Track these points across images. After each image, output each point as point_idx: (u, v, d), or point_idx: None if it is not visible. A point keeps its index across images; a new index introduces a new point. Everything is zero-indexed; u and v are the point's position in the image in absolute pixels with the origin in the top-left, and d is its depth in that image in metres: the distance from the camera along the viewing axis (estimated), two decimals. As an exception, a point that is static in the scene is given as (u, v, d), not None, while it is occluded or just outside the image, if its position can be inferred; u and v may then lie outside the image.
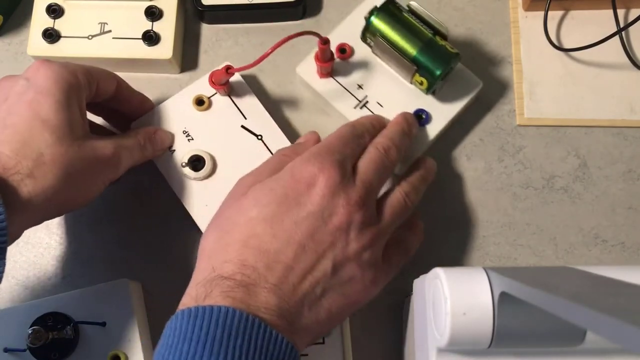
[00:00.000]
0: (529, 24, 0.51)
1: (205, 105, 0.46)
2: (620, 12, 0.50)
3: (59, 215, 0.41)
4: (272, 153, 0.46)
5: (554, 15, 0.51)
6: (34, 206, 0.35)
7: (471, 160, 0.49)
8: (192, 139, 0.46)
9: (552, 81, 0.50)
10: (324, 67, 0.46)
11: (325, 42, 0.43)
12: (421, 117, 0.46)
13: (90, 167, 0.38)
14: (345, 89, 0.47)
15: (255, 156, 0.45)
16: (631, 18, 0.48)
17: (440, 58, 0.43)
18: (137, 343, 0.42)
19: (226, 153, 0.46)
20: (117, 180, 0.43)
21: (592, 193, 0.48)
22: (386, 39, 0.44)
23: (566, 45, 0.50)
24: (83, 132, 0.38)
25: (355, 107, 0.47)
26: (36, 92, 0.37)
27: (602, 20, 0.49)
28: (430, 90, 0.45)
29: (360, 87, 0.47)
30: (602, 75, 0.50)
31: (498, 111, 0.50)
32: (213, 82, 0.45)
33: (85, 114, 0.40)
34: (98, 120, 0.47)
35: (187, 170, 0.45)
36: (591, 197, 0.48)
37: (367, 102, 0.47)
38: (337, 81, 0.47)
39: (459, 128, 0.49)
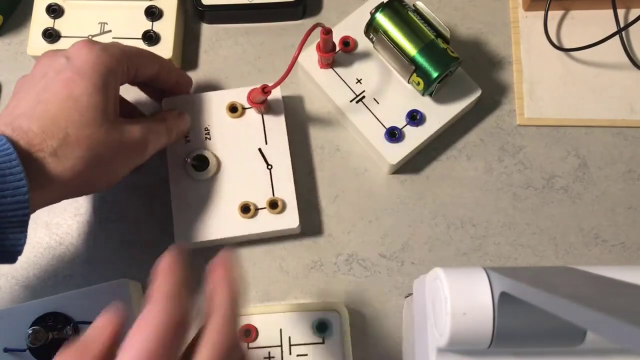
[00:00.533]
0: (529, 24, 0.51)
1: (238, 113, 0.46)
2: (620, 12, 0.50)
3: (79, 196, 0.41)
4: (272, 186, 0.45)
5: (554, 15, 0.51)
6: (54, 184, 0.35)
7: (471, 160, 0.49)
8: (209, 139, 0.46)
9: (552, 81, 0.50)
10: (325, 57, 0.46)
11: (327, 32, 0.43)
12: (415, 118, 0.46)
13: (117, 151, 0.38)
14: (344, 81, 0.47)
15: (257, 183, 0.45)
16: (631, 18, 0.48)
17: (439, 61, 0.43)
18: None
19: (232, 166, 0.46)
20: (140, 166, 0.43)
21: (592, 193, 0.48)
22: (388, 36, 0.44)
23: (566, 45, 0.50)
24: (114, 116, 0.38)
25: (351, 101, 0.47)
26: (73, 72, 0.37)
27: (602, 20, 0.49)
28: (426, 91, 0.45)
29: (359, 81, 0.47)
30: (602, 75, 0.50)
31: (498, 111, 0.50)
32: (251, 100, 0.45)
33: (118, 98, 0.40)
34: (131, 93, 0.47)
35: (189, 166, 0.45)
36: (591, 197, 0.48)
37: (363, 97, 0.47)
38: (336, 73, 0.48)
39: (459, 128, 0.49)
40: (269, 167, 0.46)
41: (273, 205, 0.45)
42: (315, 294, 0.46)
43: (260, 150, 0.46)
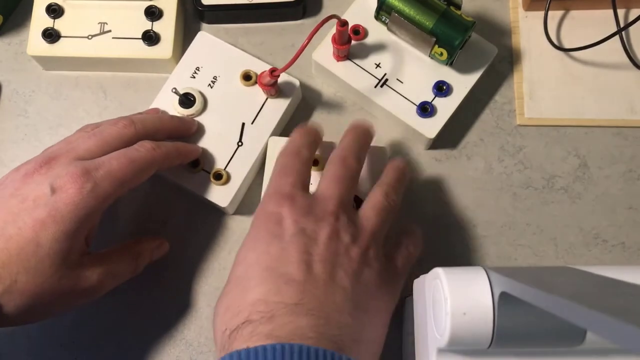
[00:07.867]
0: (529, 24, 0.51)
1: (249, 83, 0.47)
2: (620, 12, 0.50)
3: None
4: (230, 160, 0.46)
5: (554, 15, 0.51)
6: None
7: (471, 160, 0.49)
8: (211, 87, 0.47)
9: (552, 81, 0.50)
10: (342, 49, 0.46)
11: (343, 24, 0.43)
12: (442, 89, 0.47)
13: (65, 298, 0.36)
14: (363, 69, 0.48)
15: (219, 149, 0.46)
16: (631, 18, 0.48)
17: (457, 27, 0.44)
18: None
19: (211, 121, 0.47)
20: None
21: (592, 193, 0.48)
22: (403, 14, 0.44)
23: (566, 45, 0.50)
24: (75, 259, 0.36)
25: (375, 87, 0.47)
26: (49, 214, 0.34)
27: (602, 20, 0.49)
28: (450, 60, 0.45)
29: (378, 66, 0.48)
30: (602, 75, 0.50)
31: (498, 111, 0.50)
32: (260, 81, 0.45)
33: (92, 232, 0.39)
34: None
35: (175, 96, 0.46)
36: (591, 197, 0.48)
37: (386, 80, 0.47)
38: (354, 63, 0.48)
39: (459, 128, 0.49)
40: (240, 143, 0.46)
41: (217, 176, 0.45)
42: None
43: (243, 125, 0.47)
